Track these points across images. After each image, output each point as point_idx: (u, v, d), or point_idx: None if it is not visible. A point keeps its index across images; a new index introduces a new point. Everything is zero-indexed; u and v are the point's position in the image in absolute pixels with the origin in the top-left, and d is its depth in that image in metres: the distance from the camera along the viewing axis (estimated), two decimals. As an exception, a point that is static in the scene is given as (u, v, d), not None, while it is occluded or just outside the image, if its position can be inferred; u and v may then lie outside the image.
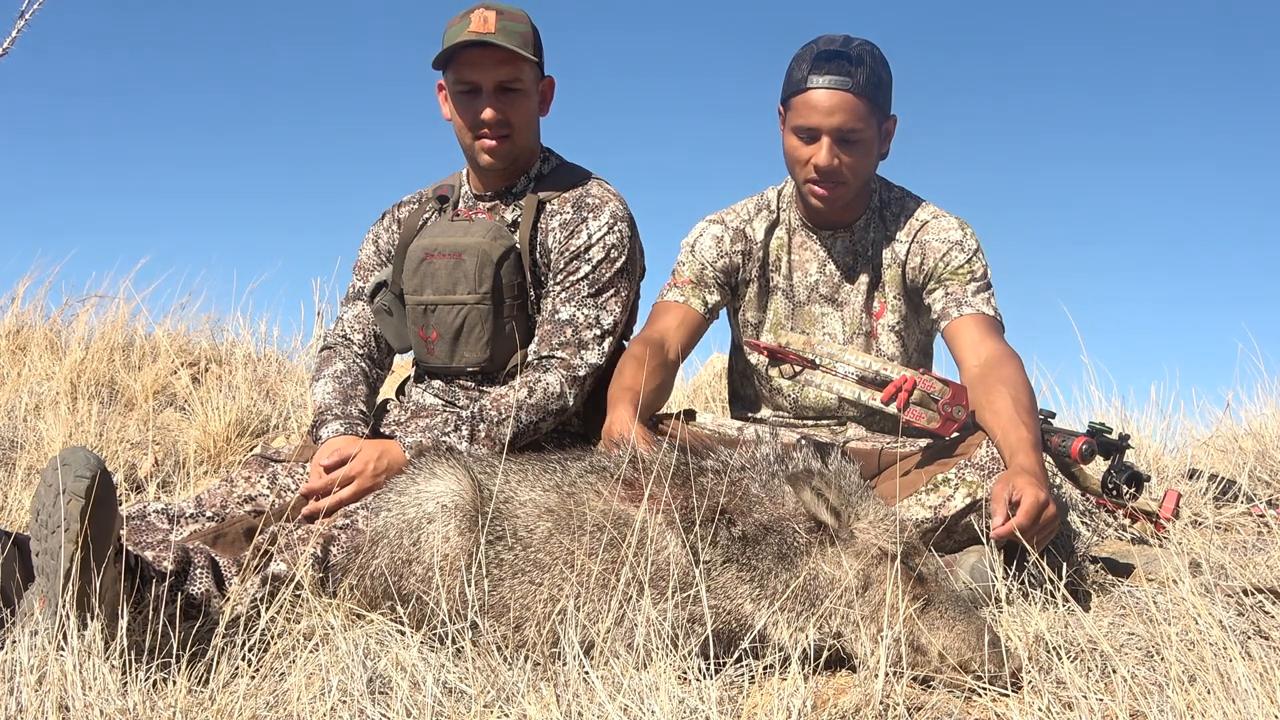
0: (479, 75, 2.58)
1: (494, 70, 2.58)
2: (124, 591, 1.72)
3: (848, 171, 2.50)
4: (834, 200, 2.55)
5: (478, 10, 2.56)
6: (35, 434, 3.47)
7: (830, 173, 2.49)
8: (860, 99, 2.44)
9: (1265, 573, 2.15)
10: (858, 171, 2.52)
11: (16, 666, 1.55)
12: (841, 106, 2.44)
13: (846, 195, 2.56)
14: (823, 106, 2.44)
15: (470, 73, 2.59)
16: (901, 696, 1.63)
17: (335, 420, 2.54)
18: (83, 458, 1.69)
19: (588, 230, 2.65)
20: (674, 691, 1.57)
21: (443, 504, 1.93)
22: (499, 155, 2.66)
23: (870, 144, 2.51)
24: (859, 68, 2.44)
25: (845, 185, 2.53)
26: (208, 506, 2.41)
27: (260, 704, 1.62)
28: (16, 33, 3.76)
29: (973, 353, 2.47)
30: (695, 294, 2.70)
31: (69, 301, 4.97)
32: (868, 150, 2.51)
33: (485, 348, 2.64)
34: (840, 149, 2.47)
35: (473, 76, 2.59)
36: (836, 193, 2.53)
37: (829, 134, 2.46)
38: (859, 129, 2.46)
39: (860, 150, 2.49)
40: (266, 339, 5.27)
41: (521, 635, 1.82)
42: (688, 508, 1.82)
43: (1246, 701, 1.48)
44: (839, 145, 2.47)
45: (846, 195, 2.56)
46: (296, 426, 3.94)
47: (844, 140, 2.47)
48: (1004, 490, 2.02)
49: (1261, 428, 3.59)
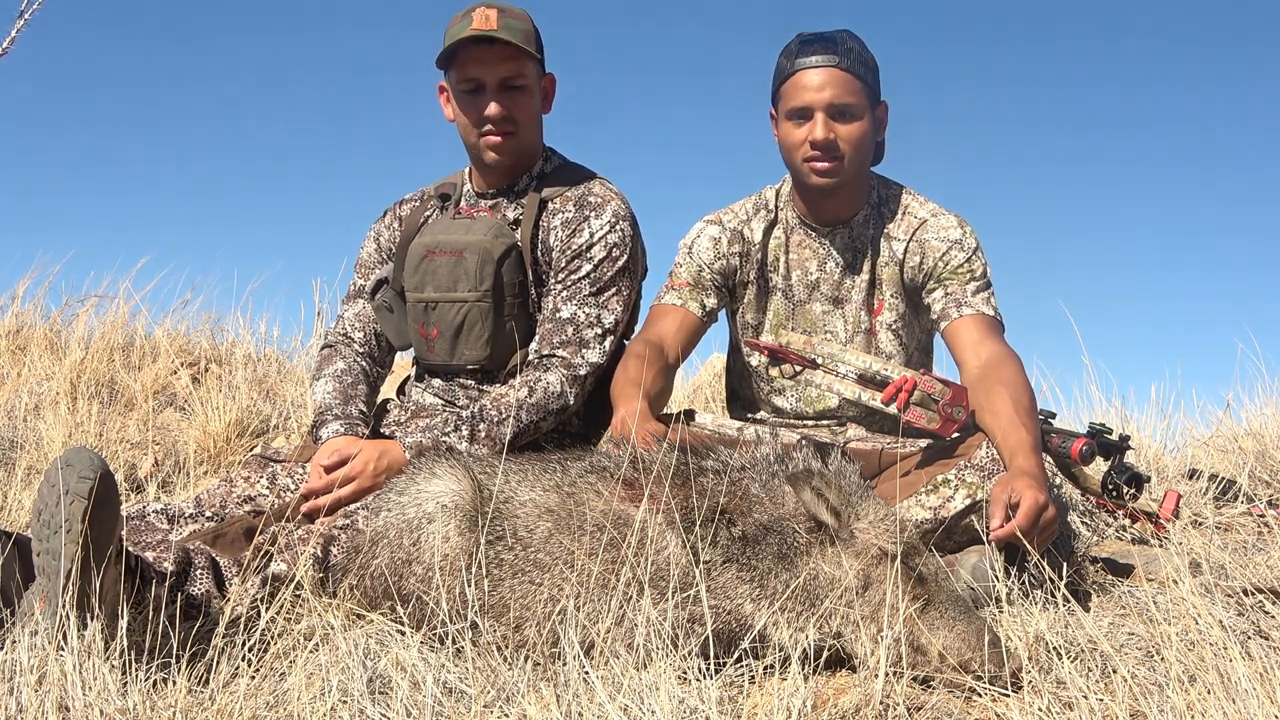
0: (482, 72, 2.59)
1: (497, 67, 2.58)
2: (124, 592, 1.71)
3: (844, 145, 2.52)
4: (833, 175, 2.55)
5: (479, 9, 2.57)
6: (35, 434, 3.48)
7: (827, 145, 2.52)
8: (847, 73, 2.49)
9: (1265, 573, 2.16)
10: (854, 144, 2.53)
11: (16, 666, 1.55)
12: (830, 81, 2.50)
13: (845, 173, 2.56)
14: (813, 84, 2.51)
15: (474, 69, 2.59)
16: (901, 696, 1.63)
17: (335, 420, 2.54)
18: (86, 459, 1.69)
19: (589, 229, 2.65)
20: (674, 691, 1.57)
21: (443, 504, 1.93)
22: (504, 152, 2.66)
23: (863, 119, 2.53)
24: (843, 46, 2.51)
25: (843, 160, 2.54)
26: (207, 507, 2.41)
27: (260, 704, 1.62)
28: (16, 32, 3.76)
29: (973, 353, 2.47)
30: (693, 297, 2.70)
31: (69, 301, 4.97)
32: (862, 127, 2.53)
33: (485, 346, 2.64)
34: (834, 123, 2.51)
35: (476, 73, 2.59)
36: (835, 167, 2.54)
37: (822, 109, 2.50)
38: (850, 103, 2.51)
39: (854, 126, 2.52)
40: (266, 339, 5.27)
41: (521, 635, 1.82)
42: (688, 508, 1.82)
43: (1246, 701, 1.48)
44: (833, 119, 2.51)
45: (845, 173, 2.56)
46: (296, 426, 3.94)
47: (838, 114, 2.51)
48: (1003, 492, 2.02)
49: (1261, 428, 3.59)
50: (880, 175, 2.74)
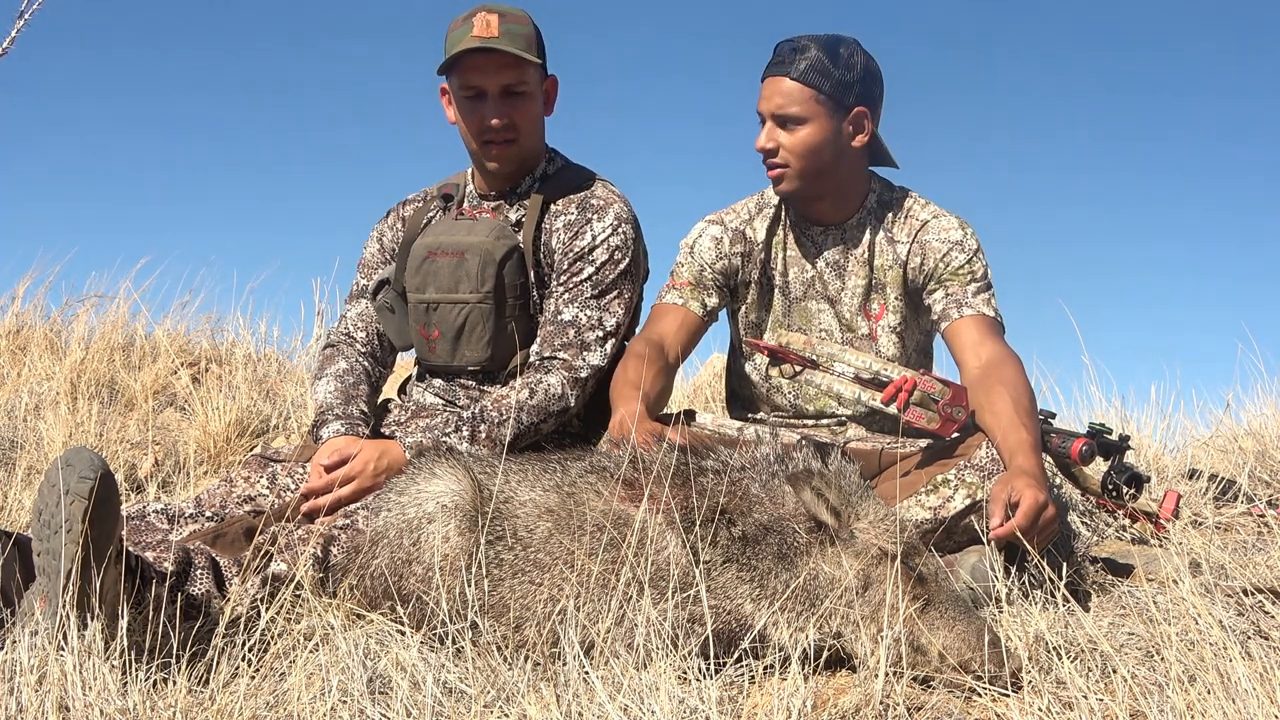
0: (483, 80, 2.58)
1: (498, 75, 2.57)
2: (124, 592, 1.72)
3: (786, 152, 2.55)
4: (780, 181, 2.60)
5: (480, 14, 2.55)
6: (35, 434, 3.48)
7: (767, 152, 2.57)
8: (796, 83, 2.52)
9: (1265, 573, 2.16)
10: (797, 151, 2.55)
11: (16, 666, 1.56)
12: (777, 90, 2.54)
13: (794, 179, 2.58)
14: (764, 93, 2.57)
15: (475, 78, 2.59)
16: (901, 696, 1.63)
17: (336, 420, 2.54)
18: (86, 459, 1.69)
19: (592, 231, 2.65)
20: (674, 691, 1.57)
21: (443, 504, 1.93)
22: (505, 159, 2.67)
23: (810, 127, 2.53)
24: (800, 56, 2.53)
25: (787, 166, 2.57)
26: (207, 507, 2.41)
27: (260, 704, 1.62)
28: (16, 32, 3.77)
29: (973, 354, 2.48)
30: (694, 296, 2.70)
31: (69, 301, 4.97)
32: (807, 134, 2.54)
33: (486, 347, 2.64)
34: (778, 130, 2.55)
35: (477, 82, 2.59)
36: (780, 173, 2.58)
37: (769, 117, 2.56)
38: (794, 112, 2.52)
39: (798, 132, 2.54)
40: (266, 339, 5.27)
41: (521, 635, 1.82)
42: (688, 508, 1.83)
43: (1246, 701, 1.48)
44: (779, 127, 2.55)
45: (794, 179, 2.58)
46: (297, 426, 3.94)
47: (781, 122, 2.55)
48: (1003, 492, 2.02)
49: (1261, 428, 3.59)
50: (883, 179, 2.73)
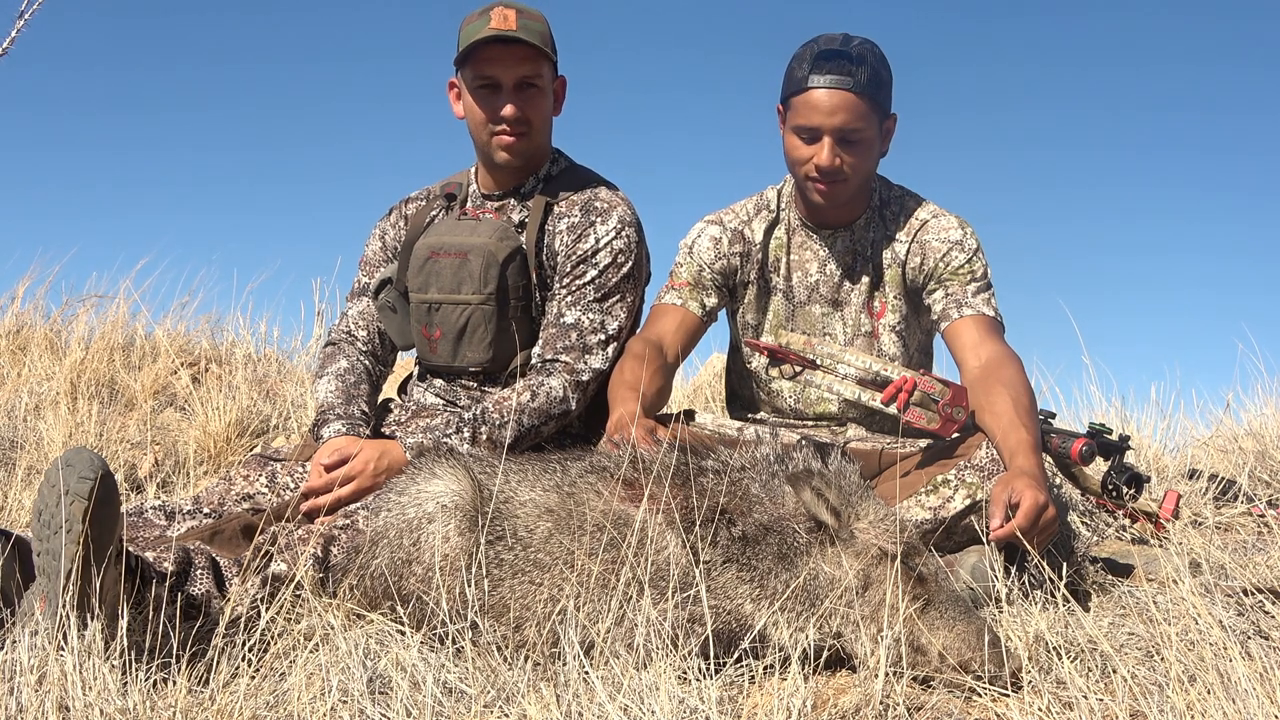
0: (500, 71, 2.58)
1: (515, 67, 2.57)
2: (124, 592, 1.72)
3: (849, 170, 2.51)
4: (835, 197, 2.56)
5: (497, 8, 2.56)
6: (35, 434, 3.48)
7: (832, 172, 2.50)
8: (861, 98, 2.44)
9: (1265, 573, 2.16)
10: (859, 170, 2.53)
11: (16, 666, 1.56)
12: (843, 106, 2.44)
13: (847, 193, 2.57)
14: (824, 106, 2.45)
15: (491, 68, 2.58)
16: (901, 696, 1.63)
17: (337, 420, 2.54)
18: (86, 459, 1.69)
19: (595, 234, 2.65)
20: (674, 691, 1.57)
21: (443, 504, 1.93)
22: (516, 152, 2.66)
23: (871, 143, 2.52)
24: (860, 66, 2.45)
25: (846, 183, 2.54)
26: (205, 504, 2.41)
27: (260, 704, 1.62)
28: (16, 33, 3.76)
29: (973, 354, 2.47)
30: (693, 296, 2.70)
31: (69, 301, 4.97)
32: (868, 149, 2.52)
33: (488, 348, 2.63)
34: (841, 149, 2.48)
35: (494, 72, 2.59)
36: (836, 189, 2.54)
37: (830, 134, 2.46)
38: (860, 128, 2.47)
39: (861, 149, 2.50)
40: (266, 339, 5.26)
41: (521, 635, 1.82)
42: (688, 508, 1.82)
43: (1246, 701, 1.48)
44: (840, 145, 2.48)
45: (847, 193, 2.57)
46: (296, 426, 3.94)
47: (845, 140, 2.48)
48: (1003, 492, 2.02)
49: (1261, 428, 3.59)
50: (882, 177, 2.73)
